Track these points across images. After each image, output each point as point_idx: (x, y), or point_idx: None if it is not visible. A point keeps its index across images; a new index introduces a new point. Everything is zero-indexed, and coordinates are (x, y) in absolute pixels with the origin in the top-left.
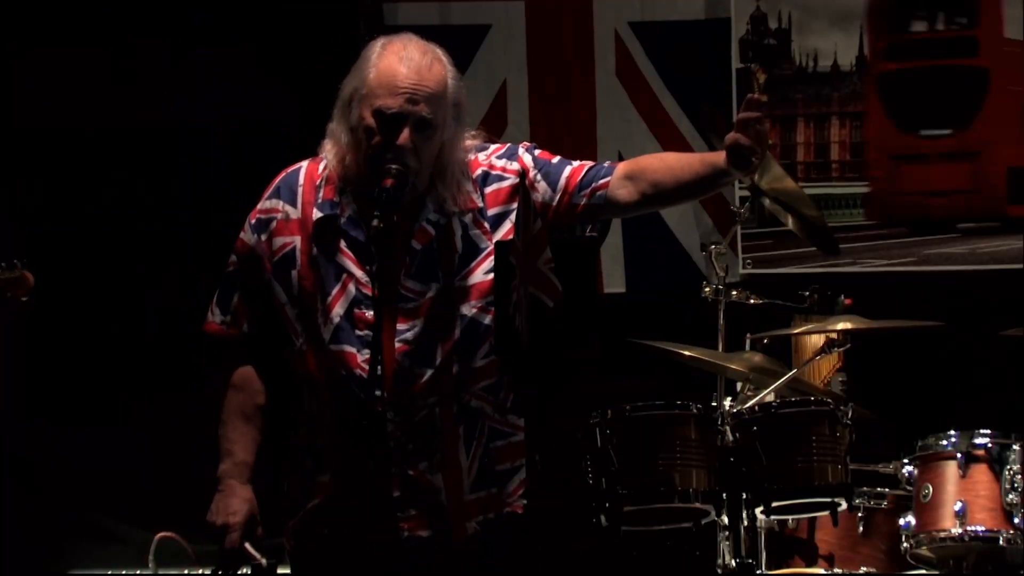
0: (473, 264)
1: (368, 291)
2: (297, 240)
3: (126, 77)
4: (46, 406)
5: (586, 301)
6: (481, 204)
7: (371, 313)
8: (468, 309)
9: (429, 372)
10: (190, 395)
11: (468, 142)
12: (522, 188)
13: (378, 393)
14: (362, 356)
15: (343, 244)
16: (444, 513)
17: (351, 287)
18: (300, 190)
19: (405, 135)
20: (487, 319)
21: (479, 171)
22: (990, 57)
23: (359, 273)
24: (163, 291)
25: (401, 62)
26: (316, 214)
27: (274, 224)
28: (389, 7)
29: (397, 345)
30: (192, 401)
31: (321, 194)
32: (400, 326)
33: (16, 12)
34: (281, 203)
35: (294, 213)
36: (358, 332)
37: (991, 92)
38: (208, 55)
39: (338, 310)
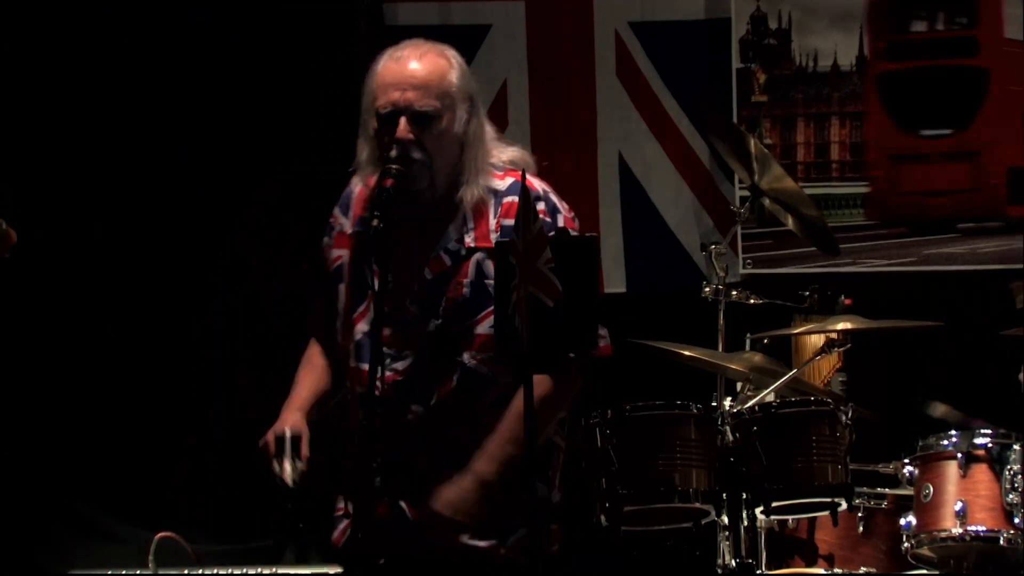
0: (480, 315)
1: (387, 308)
2: (346, 254)
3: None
4: (44, 404)
5: (586, 301)
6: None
7: (388, 331)
8: (468, 359)
9: (420, 410)
10: (191, 395)
11: (506, 154)
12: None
13: (378, 412)
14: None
15: (374, 261)
16: (430, 548)
17: (373, 304)
18: (353, 203)
19: (402, 127)
20: (486, 370)
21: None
22: (990, 57)
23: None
24: (165, 291)
25: (392, 60)
26: (355, 230)
27: (334, 234)
28: (389, 7)
29: (388, 373)
30: (192, 401)
31: (360, 209)
32: (392, 351)
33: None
34: (341, 215)
35: (347, 226)
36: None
37: (991, 92)
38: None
39: (361, 327)
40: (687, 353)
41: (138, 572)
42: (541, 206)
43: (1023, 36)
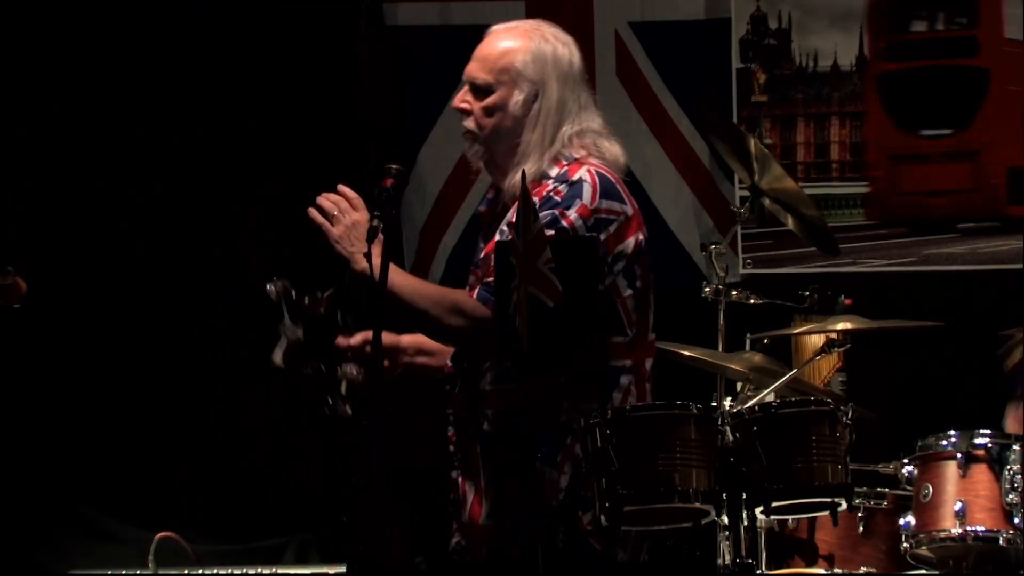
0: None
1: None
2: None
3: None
4: (44, 404)
5: (586, 301)
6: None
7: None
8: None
9: (462, 384)
10: (191, 395)
11: (600, 149)
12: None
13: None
14: None
15: (481, 238)
16: (465, 530)
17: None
18: None
19: (459, 95)
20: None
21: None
22: (990, 57)
23: None
24: (165, 291)
25: (486, 34)
26: (478, 209)
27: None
28: (389, 7)
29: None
30: (192, 401)
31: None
32: None
33: None
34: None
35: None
36: None
37: (991, 92)
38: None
39: None
40: (687, 353)
41: (138, 572)
42: (563, 188)
43: (1023, 36)
